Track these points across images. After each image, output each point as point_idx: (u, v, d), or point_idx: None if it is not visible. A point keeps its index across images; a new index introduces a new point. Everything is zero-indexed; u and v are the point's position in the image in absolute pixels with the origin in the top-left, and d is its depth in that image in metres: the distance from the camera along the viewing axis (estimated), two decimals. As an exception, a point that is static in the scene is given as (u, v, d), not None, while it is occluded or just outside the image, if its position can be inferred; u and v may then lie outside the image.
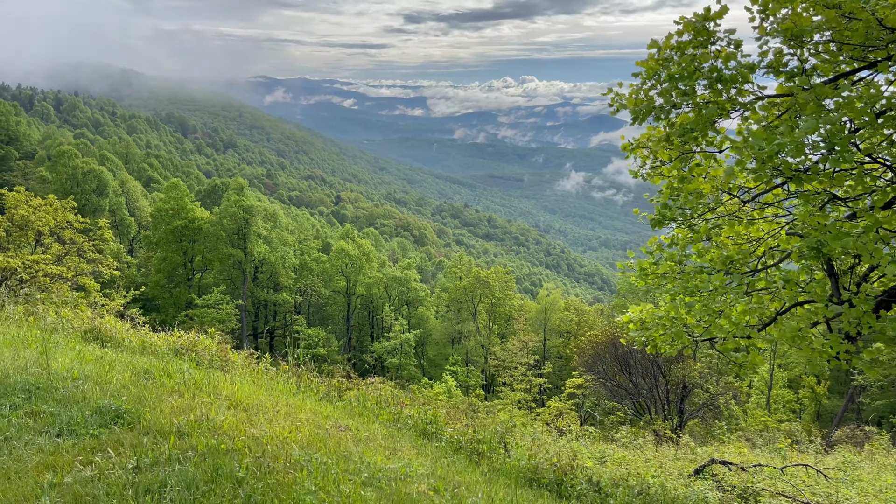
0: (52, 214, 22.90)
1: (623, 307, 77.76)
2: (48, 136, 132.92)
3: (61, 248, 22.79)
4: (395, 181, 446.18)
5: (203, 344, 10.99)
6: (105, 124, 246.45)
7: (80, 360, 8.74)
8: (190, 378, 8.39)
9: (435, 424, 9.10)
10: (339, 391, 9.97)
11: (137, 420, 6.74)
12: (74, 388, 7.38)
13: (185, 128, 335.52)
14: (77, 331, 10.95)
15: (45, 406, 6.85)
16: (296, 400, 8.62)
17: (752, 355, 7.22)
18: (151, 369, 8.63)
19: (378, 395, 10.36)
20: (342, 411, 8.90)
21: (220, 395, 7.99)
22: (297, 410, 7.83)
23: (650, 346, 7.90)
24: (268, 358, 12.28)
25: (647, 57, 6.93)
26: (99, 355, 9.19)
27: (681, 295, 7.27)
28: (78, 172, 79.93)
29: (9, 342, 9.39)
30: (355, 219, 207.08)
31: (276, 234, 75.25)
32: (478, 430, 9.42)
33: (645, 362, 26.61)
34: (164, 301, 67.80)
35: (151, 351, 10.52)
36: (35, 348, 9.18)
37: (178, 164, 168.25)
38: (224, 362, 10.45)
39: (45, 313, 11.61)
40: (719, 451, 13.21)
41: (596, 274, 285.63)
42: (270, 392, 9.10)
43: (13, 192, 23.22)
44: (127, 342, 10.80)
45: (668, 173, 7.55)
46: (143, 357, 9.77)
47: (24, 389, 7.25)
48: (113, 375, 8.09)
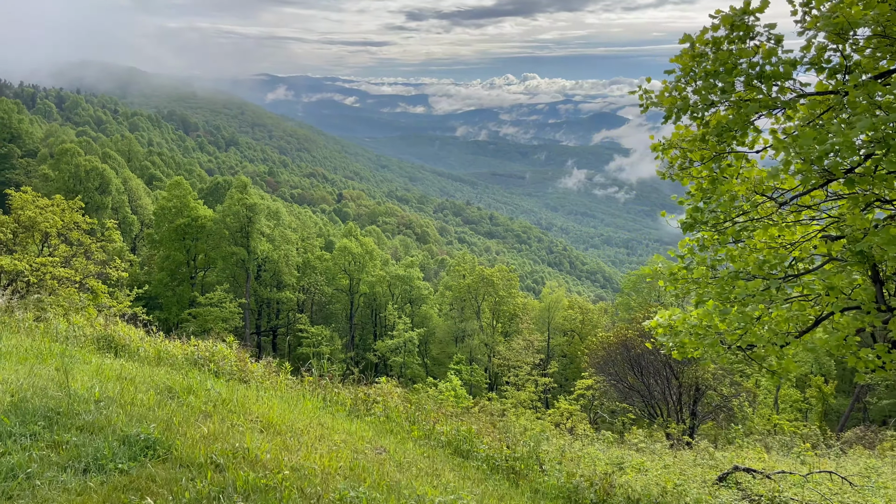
0: (59, 215, 22.54)
1: (627, 306, 77.55)
2: (50, 134, 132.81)
3: (68, 249, 22.47)
4: (396, 179, 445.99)
5: (221, 353, 10.67)
6: (107, 122, 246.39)
7: (100, 376, 8.39)
8: (216, 396, 8.05)
9: (469, 441, 8.84)
10: (366, 404, 9.68)
11: (168, 450, 6.31)
12: (97, 412, 6.95)
13: (187, 125, 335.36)
14: (89, 338, 10.66)
15: (68, 435, 6.35)
16: (326, 417, 8.29)
17: (785, 362, 6.97)
18: (175, 386, 8.27)
19: (405, 407, 10.07)
20: (373, 428, 8.57)
21: (251, 415, 7.64)
22: (331, 431, 7.49)
23: (677, 352, 7.65)
24: (287, 367, 12.01)
25: (681, 53, 6.65)
26: (118, 371, 8.82)
27: (715, 301, 7.00)
28: (81, 170, 79.80)
29: (22, 357, 9.01)
30: (357, 217, 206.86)
31: (279, 232, 75.09)
32: (511, 446, 9.15)
33: (657, 364, 26.34)
34: (168, 299, 67.66)
35: (168, 361, 10.21)
36: (51, 363, 8.78)
37: (181, 162, 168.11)
38: (243, 373, 10.15)
39: (56, 321, 11.31)
40: (739, 457, 12.95)
41: (598, 272, 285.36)
42: (299, 409, 8.79)
43: (20, 193, 22.92)
44: (141, 351, 10.48)
45: (697, 174, 7.28)
46: (160, 369, 9.45)
47: (44, 416, 6.79)
48: (136, 395, 7.71)
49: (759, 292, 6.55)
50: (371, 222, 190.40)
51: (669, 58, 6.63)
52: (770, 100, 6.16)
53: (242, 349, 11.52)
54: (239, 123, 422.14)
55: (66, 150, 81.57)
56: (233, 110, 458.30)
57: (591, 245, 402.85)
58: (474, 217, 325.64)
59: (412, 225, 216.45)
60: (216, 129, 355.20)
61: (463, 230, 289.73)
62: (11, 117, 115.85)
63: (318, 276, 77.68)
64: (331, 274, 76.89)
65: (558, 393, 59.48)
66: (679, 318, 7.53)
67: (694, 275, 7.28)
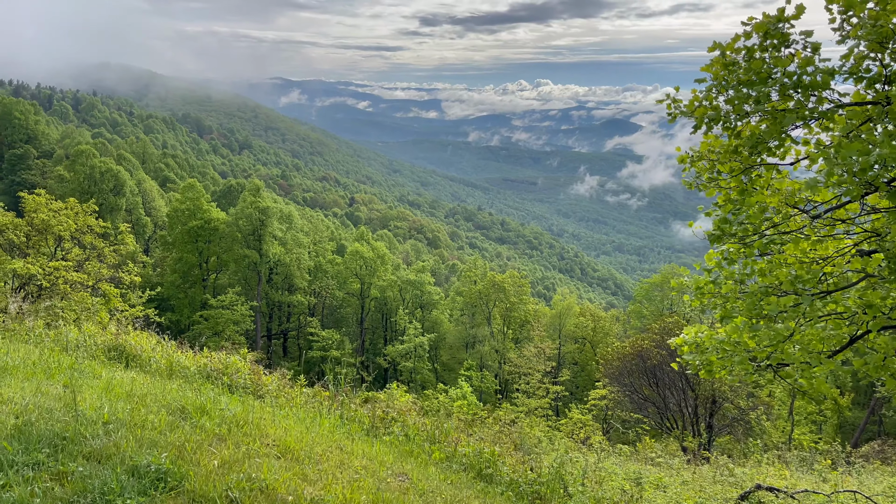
0: (72, 218, 22.44)
1: (639, 314, 77.04)
2: (66, 136, 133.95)
3: (81, 252, 22.37)
4: (408, 183, 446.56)
5: (235, 366, 10.47)
6: (122, 124, 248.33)
7: (109, 394, 8.08)
8: (230, 417, 7.73)
9: (493, 464, 8.60)
10: (384, 422, 9.44)
11: (180, 482, 5.90)
12: (106, 437, 6.58)
13: (202, 128, 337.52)
14: (100, 348, 10.47)
15: (74, 465, 5.95)
16: (344, 438, 7.99)
17: (817, 382, 6.73)
18: (188, 406, 7.93)
19: (424, 424, 9.85)
20: (392, 450, 8.29)
21: (266, 438, 7.31)
22: (350, 456, 7.19)
23: (704, 371, 7.41)
24: (302, 381, 11.84)
25: (712, 61, 6.45)
26: (128, 388, 8.51)
27: (745, 318, 6.77)
28: (96, 172, 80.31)
29: (30, 372, 8.70)
30: (369, 221, 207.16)
31: (291, 235, 75.18)
32: (535, 469, 8.92)
33: (673, 375, 25.96)
34: (179, 301, 67.87)
35: (180, 373, 10.00)
36: (59, 379, 8.47)
37: (194, 165, 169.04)
38: (257, 386, 9.97)
39: (67, 329, 11.15)
40: (760, 474, 12.66)
41: (609, 279, 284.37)
42: (316, 430, 8.50)
43: (33, 196, 22.87)
44: (153, 362, 10.28)
45: (725, 185, 7.07)
46: (172, 383, 9.20)
47: (49, 441, 6.39)
48: (147, 417, 7.39)
49: (791, 309, 6.33)
50: (382, 226, 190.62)
51: (683, 65, 6.54)
52: (807, 110, 5.96)
53: (256, 364, 11.32)
54: (252, 127, 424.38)
55: (81, 152, 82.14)
56: (247, 113, 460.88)
57: (603, 252, 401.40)
58: (486, 222, 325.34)
59: (423, 229, 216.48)
60: (230, 132, 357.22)
61: (474, 235, 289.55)
62: (28, 118, 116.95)
63: (329, 279, 77.71)
64: (342, 278, 76.90)
65: (569, 401, 59.10)
66: (706, 335, 7.32)
67: (723, 290, 7.05)
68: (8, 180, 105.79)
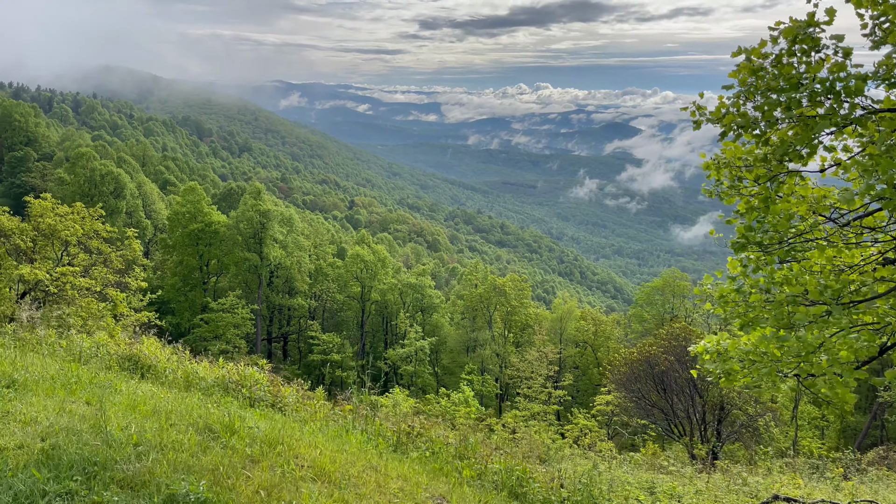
0: (79, 223, 22.24)
1: (641, 318, 76.88)
2: (66, 138, 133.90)
3: (88, 258, 22.14)
4: (408, 186, 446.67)
5: (253, 378, 10.28)
6: (122, 126, 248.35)
7: (133, 411, 7.82)
8: (260, 436, 7.46)
9: (525, 482, 8.45)
10: (409, 437, 9.27)
11: None
12: (137, 461, 6.27)
13: (201, 131, 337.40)
14: (114, 358, 10.30)
15: (108, 493, 5.63)
16: (373, 455, 7.78)
17: (843, 392, 6.61)
18: (215, 424, 7.66)
19: (446, 439, 9.68)
20: (422, 468, 8.08)
21: (300, 458, 7.03)
22: (384, 477, 7.01)
23: (725, 380, 7.28)
24: (321, 393, 11.67)
25: (739, 67, 6.33)
26: (153, 405, 8.24)
27: (772, 327, 6.64)
28: (96, 174, 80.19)
29: (49, 388, 8.38)
30: (369, 224, 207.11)
31: (292, 238, 75.05)
32: (565, 485, 8.77)
33: (681, 381, 25.82)
34: (180, 304, 67.72)
35: (197, 385, 9.80)
36: (80, 395, 8.24)
37: (195, 167, 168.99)
38: (276, 398, 9.80)
39: (80, 338, 10.95)
40: (773, 483, 12.50)
41: (609, 282, 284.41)
42: (345, 446, 8.25)
43: (39, 200, 22.65)
44: (168, 373, 10.10)
45: (747, 192, 6.94)
46: (190, 395, 9.01)
47: (80, 468, 6.02)
48: (175, 437, 7.09)
49: (821, 319, 6.21)
50: (382, 229, 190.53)
51: (683, 69, 6.47)
52: (840, 117, 5.84)
53: (274, 375, 11.13)
54: (252, 129, 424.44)
55: (81, 154, 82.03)
56: (246, 116, 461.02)
57: (602, 255, 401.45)
58: (485, 226, 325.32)
59: (423, 233, 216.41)
60: (230, 134, 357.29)
61: (474, 238, 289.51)
62: (28, 121, 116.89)
63: (329, 283, 77.58)
64: (343, 281, 76.77)
65: (571, 405, 58.93)
66: (729, 344, 7.19)
67: (750, 299, 6.93)
68: (8, 182, 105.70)
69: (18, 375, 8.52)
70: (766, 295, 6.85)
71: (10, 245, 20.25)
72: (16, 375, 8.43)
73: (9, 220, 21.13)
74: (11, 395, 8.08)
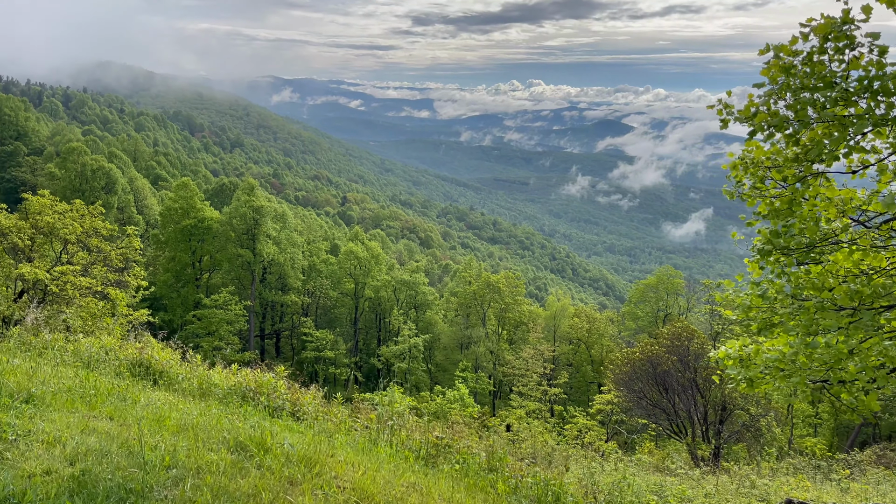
0: (78, 221, 21.78)
1: (634, 315, 76.96)
2: (57, 133, 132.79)
3: (87, 256, 21.70)
4: (400, 183, 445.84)
5: (270, 384, 9.99)
6: (113, 121, 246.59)
7: (159, 426, 7.47)
8: (295, 455, 7.06)
9: (561, 497, 8.26)
10: (437, 448, 9.00)
11: None
12: (174, 486, 5.88)
13: (193, 126, 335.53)
14: (123, 363, 10.00)
15: None
16: (407, 471, 7.49)
17: (869, 399, 6.47)
18: (246, 441, 7.26)
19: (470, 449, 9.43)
20: (457, 483, 7.88)
21: (340, 479, 6.70)
22: (427, 498, 6.71)
23: (746, 386, 7.13)
24: (339, 398, 11.43)
25: (769, 65, 6.16)
26: (178, 419, 7.85)
27: (802, 333, 6.48)
28: (87, 169, 79.51)
29: (68, 402, 7.90)
30: (361, 220, 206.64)
31: (285, 235, 74.66)
32: (597, 497, 8.63)
33: (683, 381, 25.73)
34: (172, 301, 67.27)
35: (212, 392, 9.50)
36: (101, 409, 7.81)
37: (186, 163, 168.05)
38: (294, 405, 9.55)
39: (88, 342, 10.62)
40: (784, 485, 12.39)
41: (600, 279, 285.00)
42: (377, 461, 7.96)
43: (37, 197, 22.18)
44: (182, 379, 9.80)
45: (770, 194, 6.77)
46: (207, 404, 8.71)
47: (116, 497, 5.58)
48: (207, 456, 6.72)
49: (852, 325, 6.06)
50: (375, 226, 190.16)
51: (675, 66, 6.35)
52: (878, 117, 5.68)
53: (292, 381, 10.88)
54: (244, 125, 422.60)
55: (72, 149, 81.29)
56: (238, 112, 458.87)
57: (594, 252, 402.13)
58: (478, 222, 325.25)
59: (416, 229, 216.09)
60: (221, 130, 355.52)
61: (466, 235, 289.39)
62: (18, 115, 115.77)
63: (323, 279, 77.25)
64: (336, 278, 76.47)
65: (566, 403, 58.91)
66: (753, 350, 7.03)
67: (777, 305, 6.76)
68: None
69: (35, 388, 8.17)
70: (792, 301, 6.68)
71: (7, 243, 19.84)
72: (33, 389, 8.07)
73: (6, 217, 20.69)
74: (31, 411, 7.73)
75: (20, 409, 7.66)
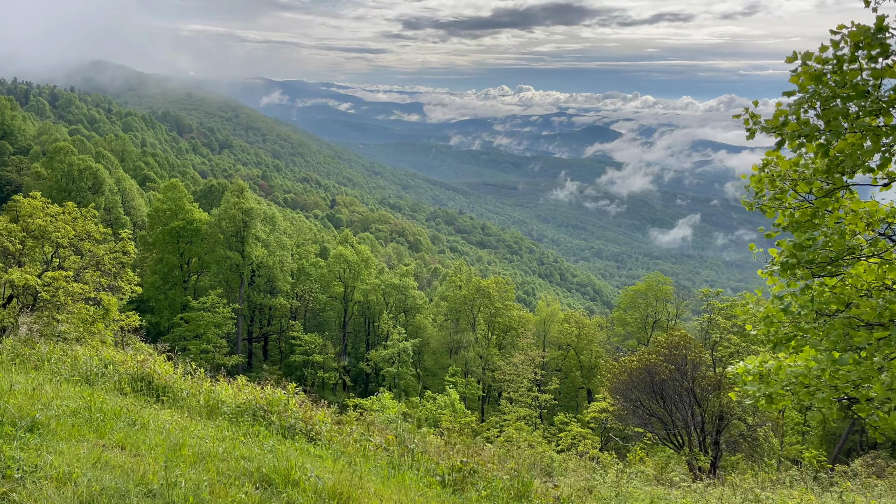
0: (71, 224, 21.17)
1: (623, 321, 77.03)
2: (43, 132, 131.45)
3: (79, 260, 21.11)
4: (389, 186, 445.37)
5: (281, 402, 9.58)
6: (100, 121, 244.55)
7: (175, 455, 6.88)
8: (323, 489, 6.58)
9: None
10: (461, 472, 8.65)
11: None
12: None
13: (181, 127, 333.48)
14: (124, 377, 9.57)
15: None
16: (433, 498, 7.25)
17: (893, 416, 6.31)
18: (270, 473, 6.72)
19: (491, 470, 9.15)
20: None
21: None
22: None
23: (765, 402, 6.94)
24: (352, 416, 11.14)
25: (799, 72, 5.98)
26: (194, 446, 7.28)
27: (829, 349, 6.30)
28: (74, 169, 78.59)
29: (76, 429, 7.19)
30: (350, 223, 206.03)
31: (274, 237, 74.13)
32: None
33: (681, 391, 25.59)
34: (159, 303, 66.58)
35: (220, 410, 9.07)
36: (111, 438, 7.18)
37: (175, 164, 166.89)
38: (308, 424, 9.19)
39: (84, 353, 10.19)
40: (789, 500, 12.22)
41: (588, 284, 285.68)
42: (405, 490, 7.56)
43: (28, 199, 21.55)
44: (187, 396, 9.37)
45: (790, 206, 6.59)
46: (220, 426, 8.26)
47: None
48: (234, 494, 6.17)
49: (883, 342, 5.89)
50: (364, 229, 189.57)
51: (663, 73, 6.21)
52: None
53: (303, 397, 10.54)
54: (233, 126, 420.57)
55: (59, 149, 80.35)
56: (227, 113, 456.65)
57: (582, 257, 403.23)
58: (466, 226, 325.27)
59: (405, 233, 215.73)
60: (210, 130, 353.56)
61: (455, 239, 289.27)
62: (4, 113, 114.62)
63: (312, 282, 76.75)
64: (325, 281, 75.99)
65: (556, 409, 58.76)
66: (774, 367, 6.84)
67: (802, 321, 6.58)
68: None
69: (39, 413, 7.56)
70: (817, 316, 6.50)
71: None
72: (37, 414, 7.46)
73: (-4, 220, 20.10)
74: (36, 440, 7.11)
75: (25, 440, 7.06)
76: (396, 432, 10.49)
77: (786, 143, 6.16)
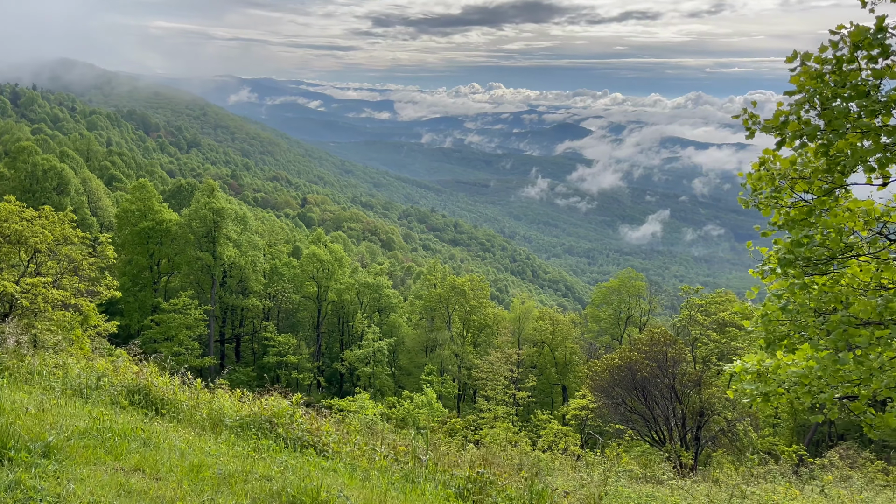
0: (48, 229, 20.50)
1: (597, 318, 77.67)
2: (5, 131, 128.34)
3: (56, 266, 20.48)
4: (361, 184, 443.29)
5: (286, 413, 9.30)
6: (64, 120, 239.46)
7: (196, 476, 6.54)
8: None
9: None
10: (477, 485, 8.48)
11: None
12: None
13: (148, 125, 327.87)
14: (120, 390, 9.19)
15: None
16: None
17: (888, 415, 6.36)
18: (298, 495, 6.37)
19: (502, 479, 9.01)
20: None
21: None
22: None
23: (762, 400, 6.95)
24: (356, 425, 10.91)
25: (799, 73, 5.98)
26: (213, 466, 6.95)
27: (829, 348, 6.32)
28: (38, 169, 76.85)
29: (89, 450, 6.79)
30: (322, 222, 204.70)
31: (246, 237, 73.28)
32: None
33: (662, 387, 25.84)
34: (129, 305, 65.40)
35: (224, 423, 8.75)
36: (128, 459, 6.81)
37: (142, 163, 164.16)
38: (315, 435, 8.95)
39: (77, 365, 9.80)
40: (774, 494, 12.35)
41: (560, 281, 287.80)
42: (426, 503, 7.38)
43: (3, 203, 20.81)
44: (187, 408, 9.05)
45: (785, 203, 6.61)
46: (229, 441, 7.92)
47: None
48: None
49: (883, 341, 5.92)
50: (336, 228, 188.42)
51: (631, 71, 6.24)
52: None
53: (309, 408, 10.30)
54: (201, 125, 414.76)
55: (23, 148, 78.50)
56: (195, 111, 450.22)
57: (553, 254, 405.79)
58: (439, 224, 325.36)
59: (377, 231, 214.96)
60: (178, 129, 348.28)
61: (427, 237, 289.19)
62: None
63: (285, 283, 76.01)
64: (298, 281, 75.32)
65: (533, 406, 58.98)
66: (773, 366, 6.86)
67: (800, 319, 6.60)
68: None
69: (51, 436, 7.07)
70: (816, 314, 6.53)
71: (-30, 254, 18.61)
72: (48, 437, 6.97)
73: (-31, 227, 19.40)
74: (53, 466, 6.68)
75: (42, 466, 6.67)
76: (407, 442, 10.34)
77: (785, 142, 6.16)
